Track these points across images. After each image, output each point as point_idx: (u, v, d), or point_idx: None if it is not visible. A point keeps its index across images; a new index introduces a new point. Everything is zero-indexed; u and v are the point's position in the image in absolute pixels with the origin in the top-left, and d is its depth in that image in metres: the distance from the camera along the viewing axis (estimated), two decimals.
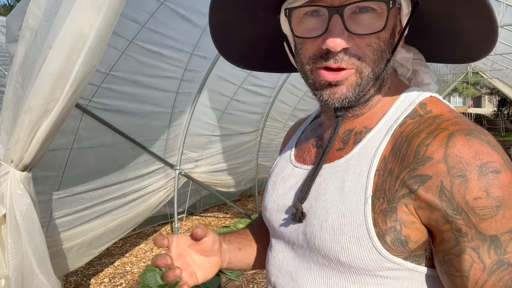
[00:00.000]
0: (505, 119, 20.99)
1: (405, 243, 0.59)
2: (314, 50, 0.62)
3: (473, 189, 0.54)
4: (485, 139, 0.56)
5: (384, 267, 0.60)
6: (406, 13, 0.63)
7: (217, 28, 0.74)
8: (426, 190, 0.57)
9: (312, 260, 0.67)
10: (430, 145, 0.58)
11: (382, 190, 0.60)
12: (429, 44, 0.71)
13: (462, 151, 0.55)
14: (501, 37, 6.80)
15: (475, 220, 0.54)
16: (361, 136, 0.68)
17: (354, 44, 0.60)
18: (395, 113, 0.66)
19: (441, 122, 0.60)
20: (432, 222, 0.58)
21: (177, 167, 4.17)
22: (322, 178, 0.68)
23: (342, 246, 0.61)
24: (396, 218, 0.59)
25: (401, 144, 0.61)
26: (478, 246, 0.54)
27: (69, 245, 2.81)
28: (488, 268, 0.54)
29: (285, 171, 0.79)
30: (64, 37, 1.56)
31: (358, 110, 0.68)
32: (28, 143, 1.74)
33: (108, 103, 3.01)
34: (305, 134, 0.83)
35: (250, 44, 0.79)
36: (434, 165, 0.56)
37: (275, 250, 0.76)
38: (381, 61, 0.62)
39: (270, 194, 0.79)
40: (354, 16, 0.59)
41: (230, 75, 4.35)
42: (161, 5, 2.92)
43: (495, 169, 0.54)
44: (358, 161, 0.64)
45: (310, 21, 0.62)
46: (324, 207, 0.65)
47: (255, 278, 3.82)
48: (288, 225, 0.72)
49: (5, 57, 3.75)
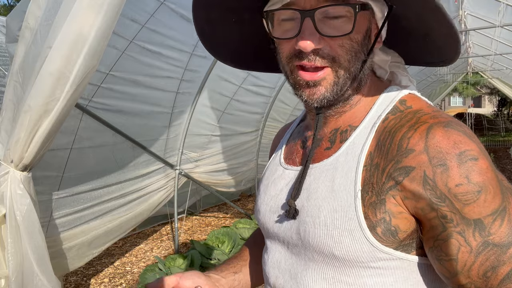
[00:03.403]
0: (505, 119, 20.99)
1: (395, 233, 0.62)
2: (289, 50, 0.67)
3: (454, 177, 0.57)
4: (461, 130, 0.60)
5: (377, 257, 0.63)
6: (380, 17, 0.67)
7: (203, 28, 0.78)
8: (411, 181, 0.60)
9: (307, 257, 0.69)
10: (412, 138, 0.61)
11: (370, 184, 0.63)
12: (408, 47, 0.75)
13: (441, 141, 0.59)
14: (501, 37, 6.79)
15: (458, 206, 0.57)
16: (346, 134, 0.71)
17: (327, 45, 0.64)
18: (377, 111, 0.70)
19: (420, 116, 0.64)
20: (419, 211, 0.61)
21: (177, 167, 4.17)
22: (312, 178, 0.70)
23: (335, 240, 0.63)
24: (385, 209, 0.61)
25: (384, 139, 0.65)
26: (463, 230, 0.57)
27: (69, 245, 2.82)
28: (474, 250, 0.57)
29: (276, 173, 0.82)
30: (64, 37, 1.56)
31: (340, 108, 0.72)
32: (28, 143, 1.74)
33: (108, 103, 3.01)
34: (293, 136, 0.86)
35: (239, 43, 0.82)
36: (416, 156, 0.60)
37: (271, 251, 0.78)
38: (356, 61, 0.66)
39: (262, 197, 0.82)
40: (325, 20, 0.64)
41: (230, 75, 4.35)
42: (161, 5, 2.92)
43: (473, 156, 0.58)
44: (346, 159, 0.67)
45: (286, 24, 0.67)
46: (316, 205, 0.67)
47: None
48: (281, 225, 0.74)
49: (5, 57, 3.75)
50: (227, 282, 0.87)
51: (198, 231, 5.21)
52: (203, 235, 4.99)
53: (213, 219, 5.69)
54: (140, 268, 4.01)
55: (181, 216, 4.90)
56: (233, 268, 0.91)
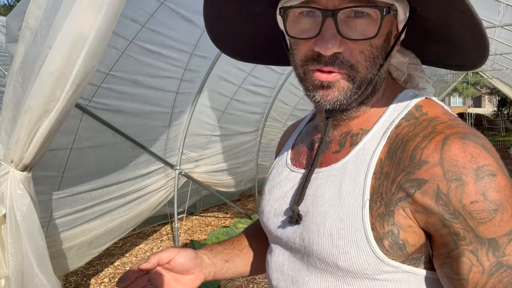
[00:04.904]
0: (505, 119, 20.96)
1: (403, 247, 0.59)
2: (306, 51, 0.62)
3: (470, 193, 0.54)
4: (480, 142, 0.56)
5: (382, 270, 0.60)
6: (402, 19, 0.63)
7: (213, 23, 0.75)
8: (423, 194, 0.56)
9: (310, 263, 0.67)
10: (426, 148, 0.57)
11: (379, 193, 0.60)
12: (428, 49, 0.71)
13: (457, 154, 0.55)
14: (501, 37, 6.79)
15: (472, 223, 0.54)
16: (357, 138, 0.67)
17: (347, 49, 0.60)
18: (391, 115, 0.66)
19: (436, 125, 0.60)
20: (430, 226, 0.58)
21: (177, 167, 4.17)
22: (319, 182, 0.67)
23: (340, 251, 0.61)
24: (393, 222, 0.58)
25: (396, 147, 0.61)
26: (476, 249, 0.54)
27: (69, 245, 2.81)
28: (487, 270, 0.54)
29: (282, 175, 0.79)
30: (64, 37, 1.56)
31: (353, 113, 0.68)
32: (28, 143, 1.74)
33: (108, 103, 3.01)
34: (301, 137, 0.83)
35: (249, 37, 0.79)
36: (430, 168, 0.56)
37: (274, 254, 0.76)
38: (374, 67, 0.62)
39: (267, 199, 0.79)
40: (348, 20, 0.59)
41: (230, 75, 4.35)
42: (161, 5, 2.92)
43: (491, 172, 0.54)
44: (355, 164, 0.64)
45: (304, 22, 0.62)
46: (321, 211, 0.64)
47: (255, 278, 3.82)
48: (285, 229, 0.72)
49: (5, 57, 3.75)
50: (215, 268, 0.86)
51: (198, 231, 5.21)
52: (203, 235, 4.99)
53: (213, 219, 5.69)
54: None
55: (181, 216, 4.89)
56: (226, 255, 0.89)
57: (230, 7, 0.71)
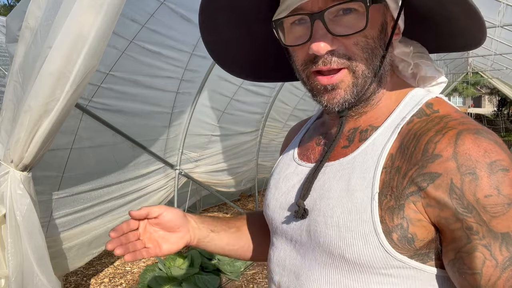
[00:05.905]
0: (505, 119, 20.99)
1: (411, 241, 0.59)
2: (304, 56, 0.65)
3: (483, 187, 0.54)
4: (492, 138, 0.57)
5: (389, 265, 0.60)
6: (394, 8, 0.64)
7: (216, 49, 0.78)
8: (436, 188, 0.57)
9: (314, 258, 0.67)
10: (439, 142, 0.58)
11: (389, 187, 0.60)
12: (429, 35, 0.72)
13: (471, 149, 0.56)
14: (501, 37, 6.79)
15: (486, 217, 0.54)
16: (366, 134, 0.68)
17: (341, 45, 0.62)
18: (401, 112, 0.67)
19: (448, 121, 0.61)
20: (442, 220, 0.58)
21: (177, 167, 4.17)
22: (326, 176, 0.68)
23: (347, 243, 0.61)
24: (403, 215, 0.59)
25: (408, 142, 0.62)
26: (490, 244, 0.54)
27: (69, 245, 2.81)
28: (500, 264, 0.54)
29: (289, 169, 0.79)
30: (64, 37, 1.56)
31: (361, 109, 0.69)
32: (28, 143, 1.74)
33: (108, 103, 3.01)
34: (309, 133, 0.84)
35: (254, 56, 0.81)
36: (443, 162, 0.57)
37: (277, 248, 0.76)
38: (374, 58, 0.63)
39: (272, 192, 0.79)
40: (336, 19, 0.61)
41: (230, 75, 4.34)
42: (161, 5, 2.92)
43: (504, 167, 0.55)
44: (365, 159, 0.65)
45: (297, 30, 0.65)
46: (329, 204, 0.65)
47: (255, 278, 3.82)
48: (291, 222, 0.72)
49: (5, 57, 3.75)
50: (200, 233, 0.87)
51: None
52: None
53: None
54: (140, 268, 4.01)
55: None
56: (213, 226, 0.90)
57: (228, 33, 0.74)
